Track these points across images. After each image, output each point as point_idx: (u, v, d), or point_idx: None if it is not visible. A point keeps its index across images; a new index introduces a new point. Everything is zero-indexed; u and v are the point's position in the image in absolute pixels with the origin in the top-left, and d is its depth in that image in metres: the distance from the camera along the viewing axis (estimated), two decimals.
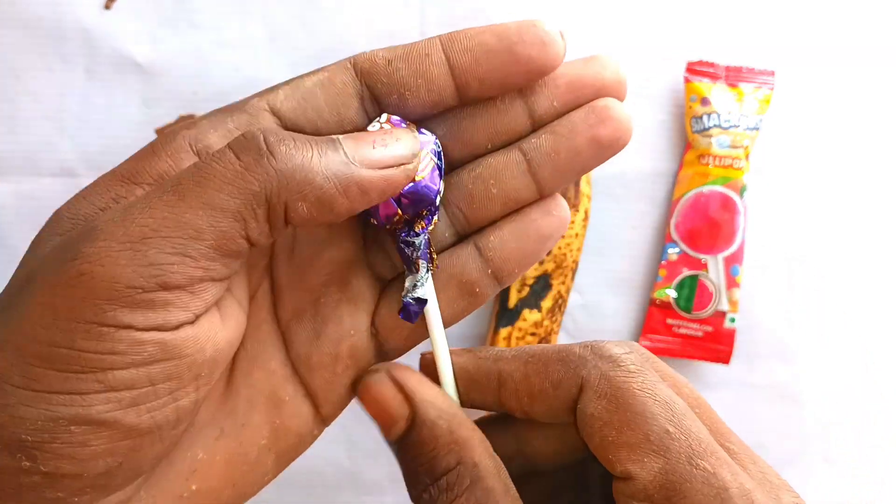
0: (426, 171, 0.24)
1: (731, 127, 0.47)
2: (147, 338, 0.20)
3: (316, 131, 0.24)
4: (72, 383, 0.20)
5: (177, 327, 0.21)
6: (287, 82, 0.24)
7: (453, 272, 0.27)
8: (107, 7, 0.47)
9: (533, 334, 0.46)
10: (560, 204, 0.26)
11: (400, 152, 0.23)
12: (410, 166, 0.23)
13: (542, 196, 0.26)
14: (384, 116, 0.24)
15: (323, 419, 0.27)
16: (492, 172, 0.26)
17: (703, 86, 0.47)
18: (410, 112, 0.25)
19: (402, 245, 0.25)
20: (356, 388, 0.26)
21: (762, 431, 0.48)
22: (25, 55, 0.47)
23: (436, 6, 0.48)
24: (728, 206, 0.47)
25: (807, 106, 0.49)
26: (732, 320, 0.47)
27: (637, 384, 0.23)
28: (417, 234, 0.25)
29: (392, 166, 0.23)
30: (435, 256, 0.26)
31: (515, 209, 0.26)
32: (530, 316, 0.46)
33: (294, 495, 0.49)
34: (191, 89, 0.48)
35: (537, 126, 0.26)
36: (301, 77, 0.24)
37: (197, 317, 0.22)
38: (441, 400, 0.24)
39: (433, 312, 0.26)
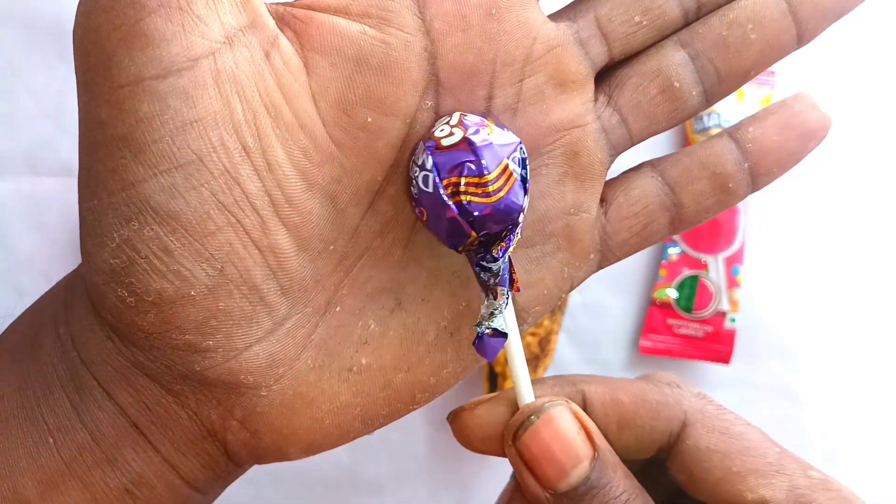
0: (507, 184, 0.21)
1: None
2: None
3: None
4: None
5: None
6: None
7: (706, 161, 0.24)
8: None
9: (533, 334, 0.46)
10: (823, 102, 0.25)
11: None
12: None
13: (801, 44, 0.24)
14: (455, 117, 0.22)
15: (519, 313, 0.24)
16: (749, 14, 0.23)
17: None
18: None
19: (478, 269, 0.22)
20: (515, 431, 0.22)
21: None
22: (26, 54, 0.46)
23: None
24: None
25: None
26: (733, 320, 0.47)
27: (732, 416, 0.23)
28: (496, 259, 0.21)
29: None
30: (517, 279, 0.23)
31: (775, 59, 0.24)
32: None
33: (294, 495, 0.49)
34: None
35: None
36: None
37: None
38: (608, 445, 0.22)
39: (516, 349, 0.23)
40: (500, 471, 0.49)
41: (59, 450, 0.21)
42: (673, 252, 0.48)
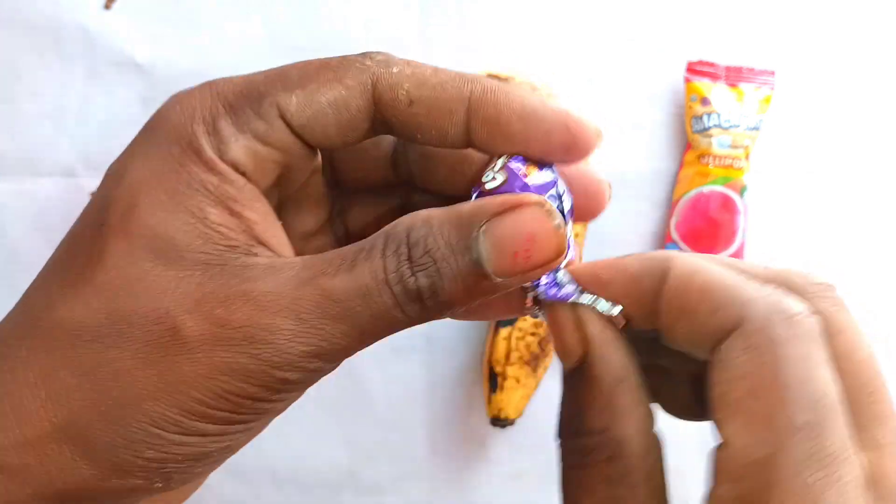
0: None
1: (731, 127, 0.47)
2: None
3: (318, 145, 0.24)
4: (227, 434, 0.21)
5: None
6: (302, 84, 0.23)
7: None
8: (107, 7, 0.47)
9: (533, 334, 0.46)
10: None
11: (543, 259, 0.21)
12: (552, 265, 0.21)
13: None
14: (500, 162, 0.23)
15: None
16: None
17: (703, 86, 0.47)
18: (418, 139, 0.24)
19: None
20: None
21: None
22: (25, 55, 0.47)
23: (436, 6, 0.48)
24: (728, 206, 0.47)
25: (807, 106, 0.49)
26: None
27: (793, 355, 0.20)
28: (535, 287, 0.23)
29: (533, 269, 0.21)
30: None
31: None
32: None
33: (294, 495, 0.49)
34: None
35: None
36: (318, 83, 0.23)
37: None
38: (616, 358, 0.22)
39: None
40: (499, 469, 0.49)
41: None
42: None
